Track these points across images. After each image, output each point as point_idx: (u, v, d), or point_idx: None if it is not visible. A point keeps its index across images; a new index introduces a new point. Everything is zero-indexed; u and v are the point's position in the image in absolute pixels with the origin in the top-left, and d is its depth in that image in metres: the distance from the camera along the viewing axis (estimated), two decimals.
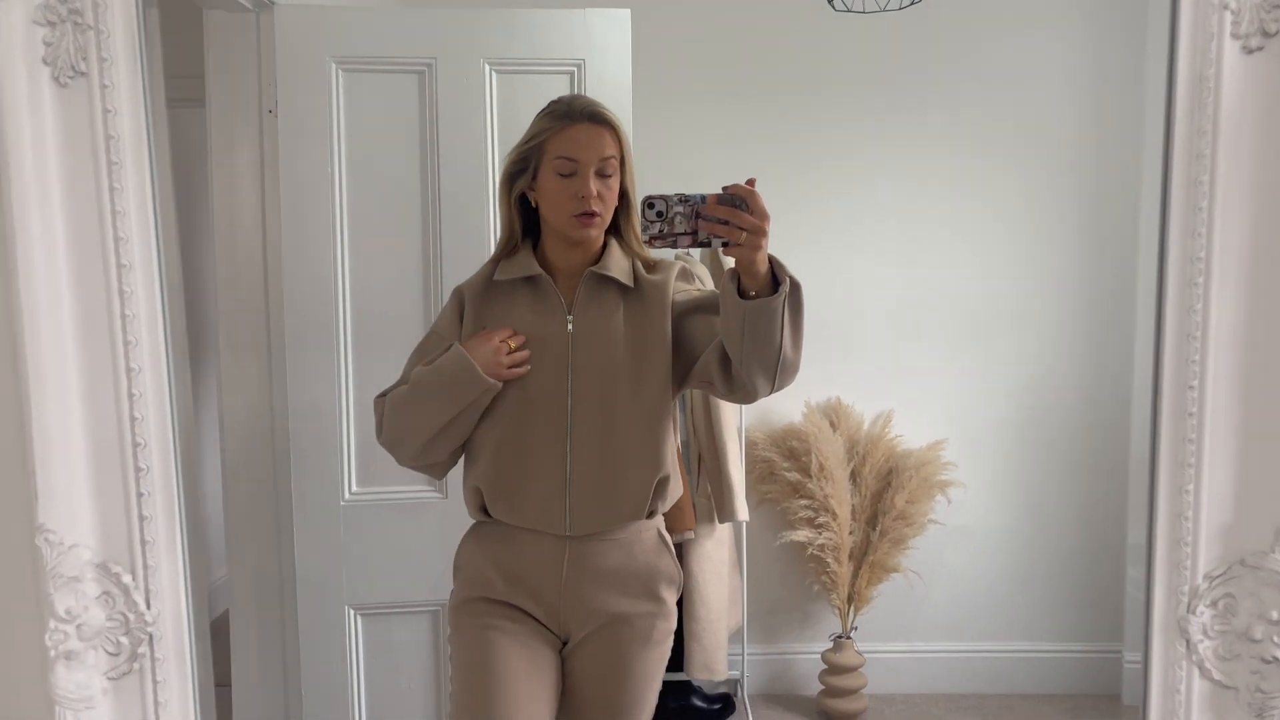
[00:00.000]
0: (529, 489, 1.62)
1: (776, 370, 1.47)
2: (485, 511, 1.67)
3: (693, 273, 1.73)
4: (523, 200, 1.66)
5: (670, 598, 1.70)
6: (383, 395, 1.70)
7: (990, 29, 3.32)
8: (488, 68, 2.31)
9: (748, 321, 1.43)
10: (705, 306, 1.61)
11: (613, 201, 1.61)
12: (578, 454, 1.61)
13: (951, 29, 3.31)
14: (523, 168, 1.63)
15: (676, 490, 1.67)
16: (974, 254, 3.38)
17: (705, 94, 3.31)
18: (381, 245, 2.34)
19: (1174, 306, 1.19)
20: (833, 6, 2.76)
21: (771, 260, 1.42)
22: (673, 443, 1.66)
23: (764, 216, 1.39)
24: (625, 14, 2.33)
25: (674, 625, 1.71)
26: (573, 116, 1.59)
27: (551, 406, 1.61)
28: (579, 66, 2.33)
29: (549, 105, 1.63)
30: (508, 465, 1.62)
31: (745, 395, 1.55)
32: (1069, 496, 3.42)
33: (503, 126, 2.31)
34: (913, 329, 3.37)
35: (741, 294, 1.44)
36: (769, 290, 1.43)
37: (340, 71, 2.28)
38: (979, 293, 3.38)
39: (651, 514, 1.66)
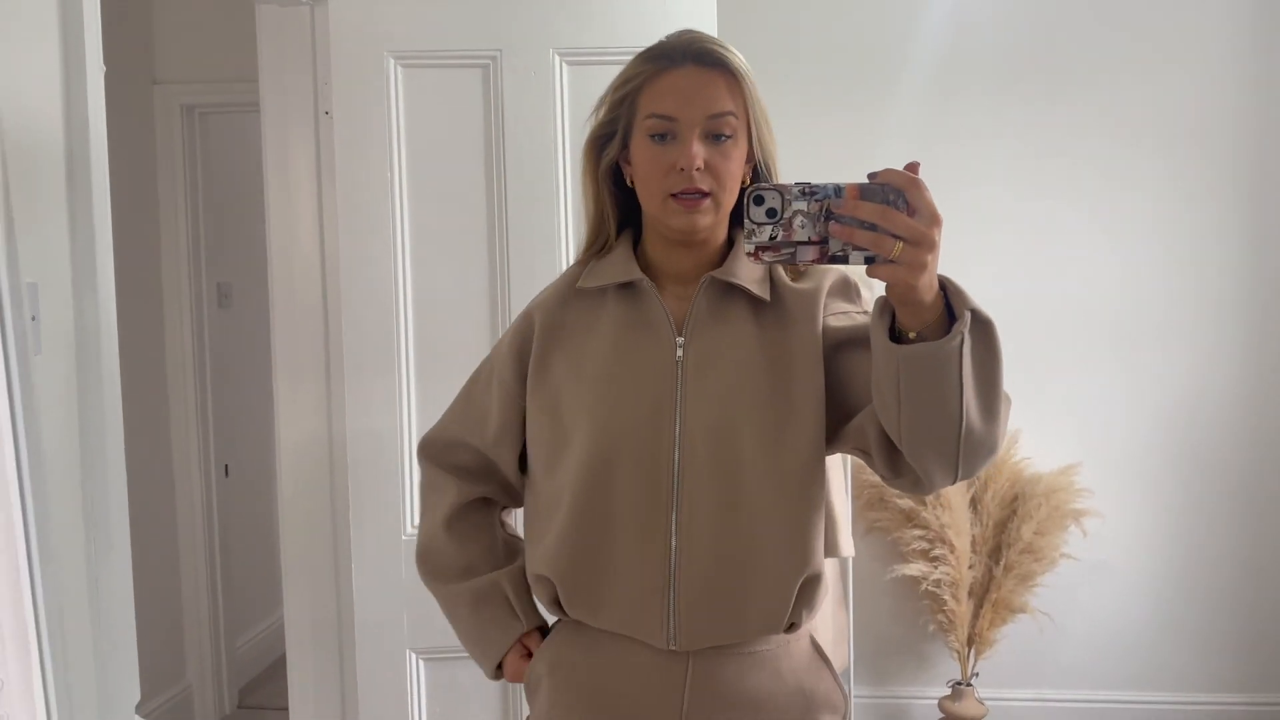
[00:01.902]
0: (614, 581, 1.17)
1: (958, 452, 1.00)
2: (560, 607, 1.23)
3: (857, 284, 1.24)
4: (616, 177, 1.25)
5: None
6: (424, 449, 1.39)
7: None
8: (558, 59, 2.09)
9: (904, 377, 0.98)
10: (869, 342, 1.11)
11: (733, 178, 1.16)
12: (686, 537, 1.15)
13: None
14: (610, 132, 1.21)
15: (826, 591, 1.21)
16: (1114, 255, 3.02)
17: (799, 82, 3.04)
18: (445, 257, 2.14)
19: None
20: None
21: (945, 285, 0.98)
22: (821, 524, 1.18)
23: (933, 219, 0.93)
24: None
25: None
26: (672, 57, 1.16)
27: (651, 466, 1.16)
28: None
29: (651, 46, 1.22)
30: (583, 546, 1.18)
31: (915, 485, 1.09)
32: (1226, 528, 3.03)
33: (575, 125, 2.09)
34: (1043, 338, 3.03)
35: (896, 336, 1.00)
36: (940, 329, 0.98)
37: (399, 68, 2.09)
38: (1120, 298, 3.03)
39: (791, 627, 1.19)
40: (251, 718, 3.49)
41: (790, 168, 1.23)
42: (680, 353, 1.18)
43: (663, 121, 1.14)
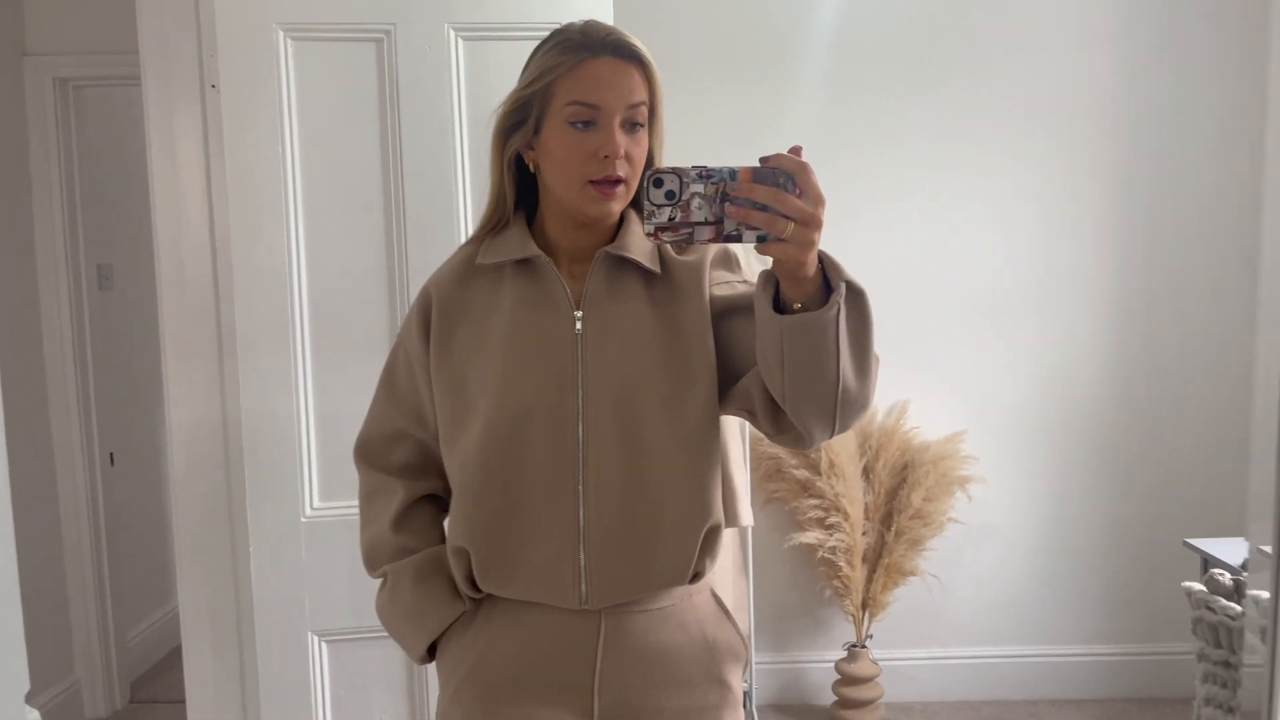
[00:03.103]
0: (525, 546, 1.22)
1: (835, 410, 1.09)
2: (474, 584, 1.26)
3: (736, 257, 1.31)
4: (518, 163, 1.27)
5: (737, 682, 1.31)
6: (361, 452, 1.38)
7: None
8: (453, 34, 2.07)
9: (787, 344, 1.05)
10: (750, 309, 1.17)
11: (642, 164, 1.22)
12: (594, 498, 1.20)
13: None
14: (521, 119, 1.23)
15: (725, 542, 1.27)
16: (996, 233, 3.15)
17: (699, 65, 3.08)
18: (340, 233, 2.10)
19: None
20: None
21: (823, 259, 1.04)
22: (719, 478, 1.24)
23: (818, 200, 1.00)
24: None
25: (742, 717, 1.33)
26: (591, 48, 1.18)
27: (556, 434, 1.21)
28: None
29: (555, 34, 1.23)
30: (494, 515, 1.22)
31: (796, 440, 1.17)
32: (1098, 492, 3.21)
33: (471, 101, 2.07)
34: (929, 313, 3.15)
35: (781, 306, 1.06)
36: (819, 301, 1.05)
37: (289, 40, 2.04)
38: (1001, 275, 3.16)
39: (696, 577, 1.25)
40: (145, 712, 3.39)
41: (694, 141, 1.26)
42: (579, 326, 1.23)
43: (586, 109, 1.17)
